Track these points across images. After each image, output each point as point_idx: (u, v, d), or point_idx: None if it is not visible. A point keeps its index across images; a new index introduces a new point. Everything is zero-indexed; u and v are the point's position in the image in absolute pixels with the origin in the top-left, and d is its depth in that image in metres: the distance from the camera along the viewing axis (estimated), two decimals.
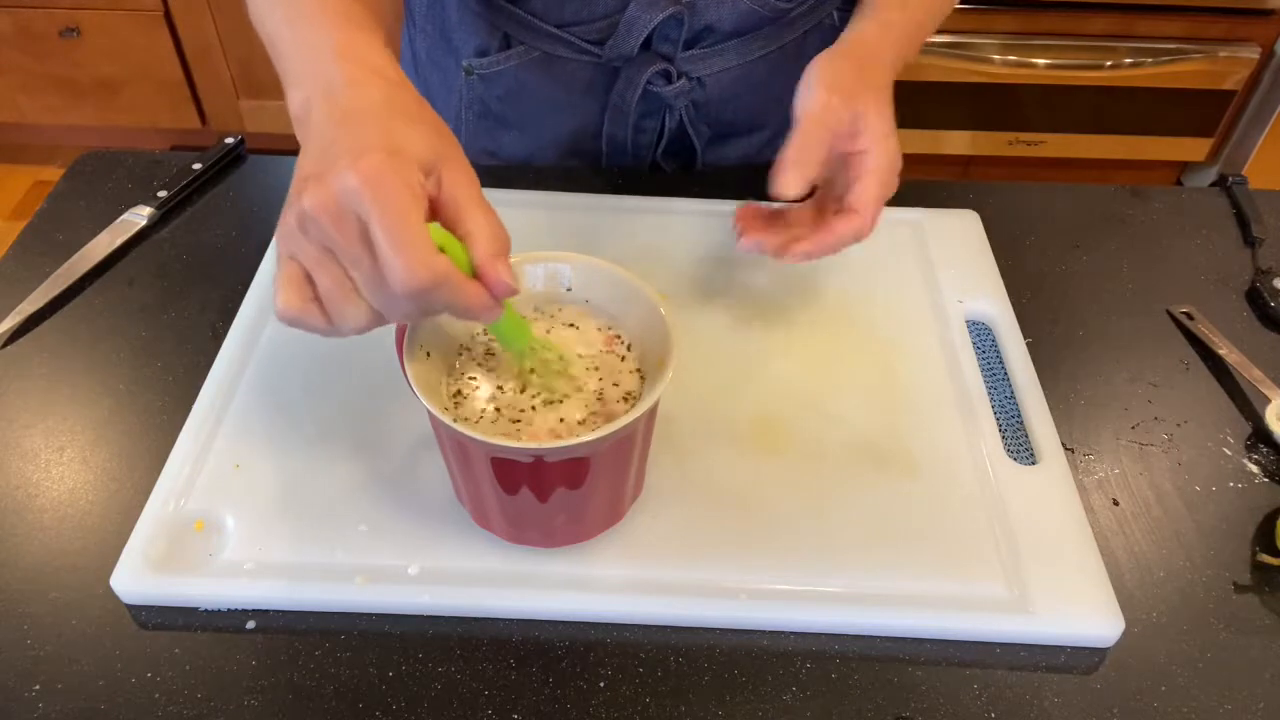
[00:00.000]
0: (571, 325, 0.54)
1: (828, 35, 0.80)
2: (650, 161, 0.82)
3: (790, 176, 0.57)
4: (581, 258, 0.54)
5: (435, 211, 0.45)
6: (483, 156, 0.85)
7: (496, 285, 0.44)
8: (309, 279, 0.44)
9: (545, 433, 0.49)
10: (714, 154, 0.84)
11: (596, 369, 0.52)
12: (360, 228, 0.42)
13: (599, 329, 0.54)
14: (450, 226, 0.45)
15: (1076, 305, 0.71)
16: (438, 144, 0.45)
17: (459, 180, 0.45)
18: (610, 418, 0.49)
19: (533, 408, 0.50)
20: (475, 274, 0.44)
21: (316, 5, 0.51)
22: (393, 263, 0.41)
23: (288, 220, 0.44)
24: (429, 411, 0.46)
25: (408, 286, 0.41)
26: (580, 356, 0.52)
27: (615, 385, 0.51)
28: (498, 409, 0.50)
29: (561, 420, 0.49)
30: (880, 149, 0.59)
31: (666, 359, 0.48)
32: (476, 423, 0.49)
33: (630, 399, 0.51)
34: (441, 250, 0.43)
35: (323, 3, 0.51)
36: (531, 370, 0.51)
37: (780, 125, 0.83)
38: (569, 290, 0.54)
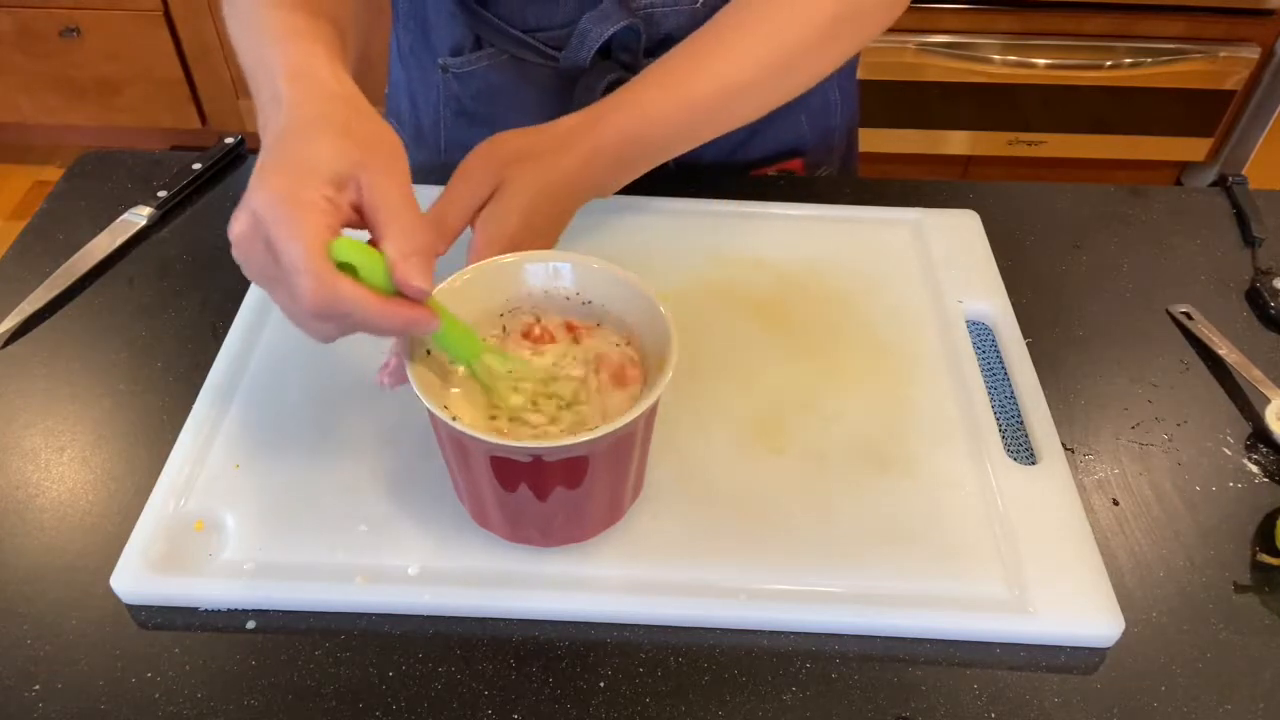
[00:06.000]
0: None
1: None
2: None
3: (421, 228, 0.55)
4: (581, 257, 0.54)
5: (362, 218, 0.45)
6: (461, 153, 0.84)
7: (405, 285, 0.43)
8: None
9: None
10: (685, 156, 0.82)
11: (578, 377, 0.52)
12: (271, 251, 0.43)
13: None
14: (371, 229, 0.45)
15: (1076, 305, 0.71)
16: (356, 154, 0.45)
17: (377, 185, 0.44)
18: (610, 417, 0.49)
19: (534, 403, 0.50)
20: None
21: (274, 23, 0.52)
22: (295, 283, 0.42)
23: (233, 250, 0.45)
24: (429, 410, 0.46)
25: (312, 309, 0.42)
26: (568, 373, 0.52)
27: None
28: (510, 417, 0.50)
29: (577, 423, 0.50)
30: (490, 218, 0.56)
31: (666, 358, 0.48)
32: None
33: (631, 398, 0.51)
34: (352, 267, 0.42)
35: (280, 20, 0.52)
36: (499, 379, 0.50)
37: (751, 128, 0.83)
38: (576, 293, 0.54)
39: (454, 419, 0.46)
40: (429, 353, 0.50)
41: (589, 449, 0.46)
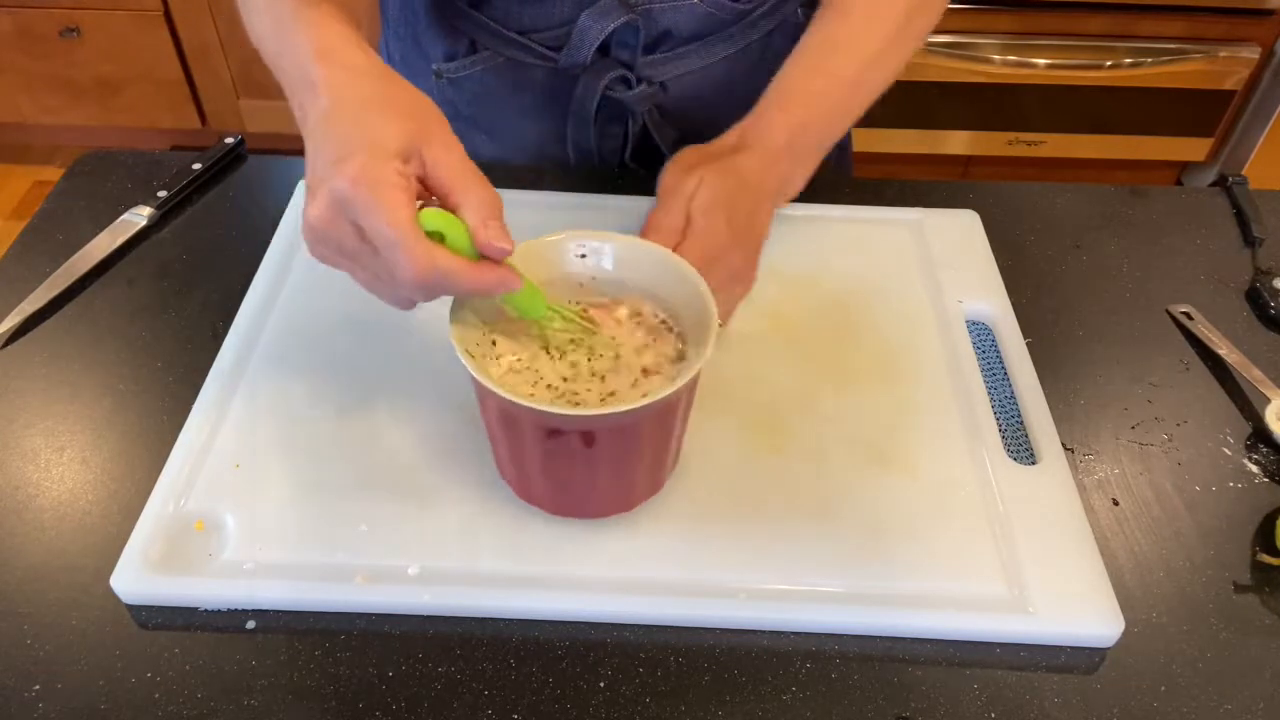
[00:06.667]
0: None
1: (792, 33, 0.79)
2: (619, 165, 0.82)
3: (651, 240, 0.57)
4: (624, 237, 0.55)
5: (428, 189, 0.47)
6: None
7: (488, 248, 0.46)
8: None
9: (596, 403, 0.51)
10: None
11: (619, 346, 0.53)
12: (358, 230, 0.45)
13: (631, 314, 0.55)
14: (443, 200, 0.47)
15: (1076, 305, 0.71)
16: (413, 128, 0.47)
17: (441, 156, 0.46)
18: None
19: (587, 388, 0.52)
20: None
21: (296, 16, 0.53)
22: (394, 262, 0.44)
23: (305, 234, 0.47)
24: (485, 386, 0.46)
25: (413, 282, 0.44)
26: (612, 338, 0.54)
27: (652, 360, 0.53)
28: (548, 385, 0.52)
29: (614, 393, 0.51)
30: (703, 222, 0.57)
31: (706, 335, 0.50)
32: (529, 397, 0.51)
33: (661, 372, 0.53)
34: (440, 234, 0.45)
35: (303, 13, 0.53)
36: (560, 331, 0.52)
37: None
38: (614, 272, 0.56)
39: (509, 394, 0.46)
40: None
41: (639, 415, 0.47)
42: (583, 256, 0.55)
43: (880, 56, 0.68)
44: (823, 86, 0.66)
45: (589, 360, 0.52)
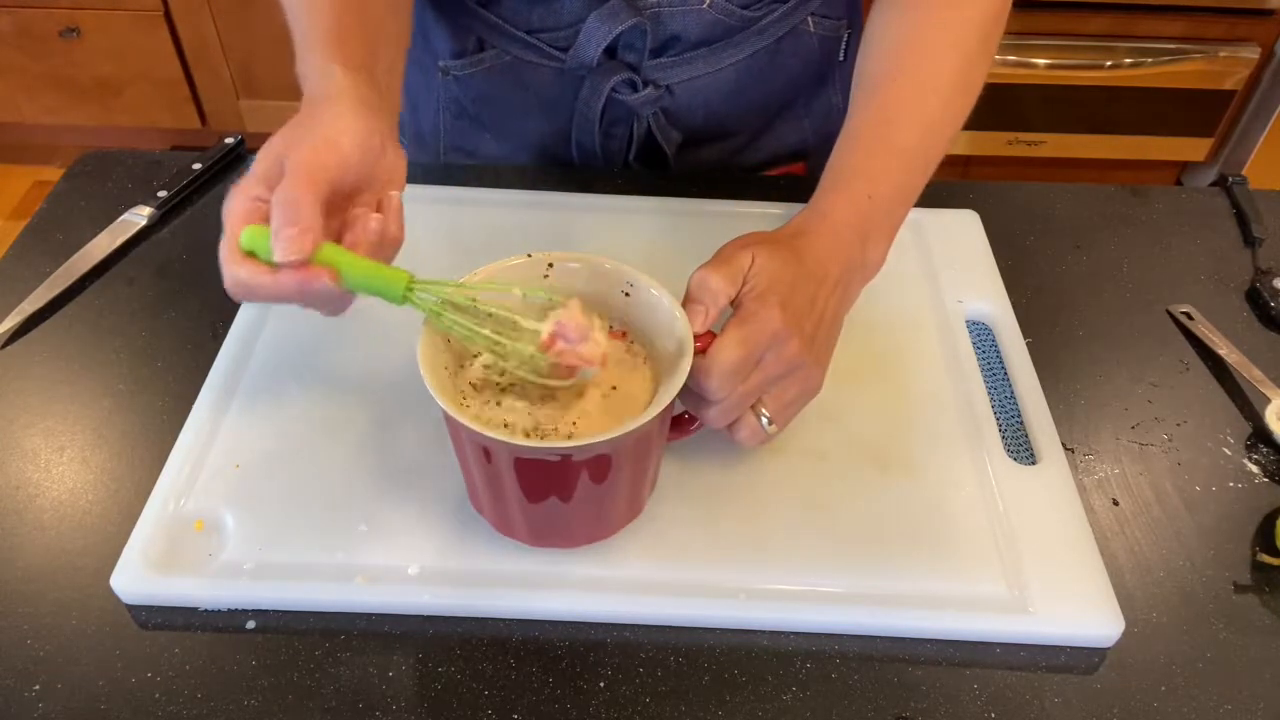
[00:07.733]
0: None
1: (803, 42, 0.79)
2: (622, 165, 0.82)
3: (689, 310, 0.52)
4: (596, 258, 0.54)
5: None
6: (460, 157, 0.85)
7: (277, 259, 0.46)
8: None
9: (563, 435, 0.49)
10: (687, 158, 0.83)
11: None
12: None
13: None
14: None
15: (1076, 305, 0.71)
16: (282, 148, 0.48)
17: (289, 166, 0.47)
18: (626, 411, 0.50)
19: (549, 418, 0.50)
20: None
21: (317, 41, 0.55)
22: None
23: None
24: (458, 421, 0.46)
25: (233, 295, 0.49)
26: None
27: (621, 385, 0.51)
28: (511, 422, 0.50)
29: (575, 424, 0.50)
30: (752, 306, 0.52)
31: (682, 357, 0.49)
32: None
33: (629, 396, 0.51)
34: (254, 251, 0.47)
35: (321, 36, 0.55)
36: (457, 325, 0.48)
37: (755, 131, 0.83)
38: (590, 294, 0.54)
39: (475, 423, 0.46)
40: (446, 369, 0.50)
41: (613, 446, 0.46)
42: (546, 277, 0.54)
43: (939, 121, 0.63)
44: (884, 161, 0.61)
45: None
